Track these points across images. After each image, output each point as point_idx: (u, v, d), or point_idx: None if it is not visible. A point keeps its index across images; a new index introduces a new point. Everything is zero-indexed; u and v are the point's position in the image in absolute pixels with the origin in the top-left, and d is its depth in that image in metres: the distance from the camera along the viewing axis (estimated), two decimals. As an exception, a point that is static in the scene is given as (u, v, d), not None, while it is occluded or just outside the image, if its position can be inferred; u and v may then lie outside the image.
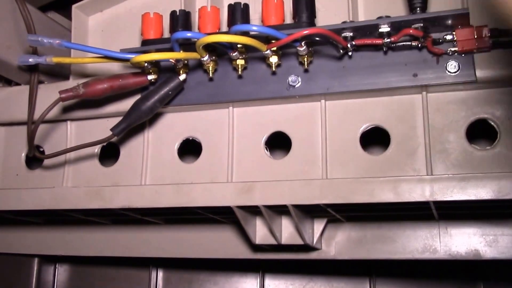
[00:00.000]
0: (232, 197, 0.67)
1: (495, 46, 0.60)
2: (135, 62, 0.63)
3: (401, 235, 0.80)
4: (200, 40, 0.59)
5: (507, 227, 0.74)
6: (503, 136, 0.63)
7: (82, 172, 0.82)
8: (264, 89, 0.70)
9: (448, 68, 0.62)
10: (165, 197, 0.69)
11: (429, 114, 0.66)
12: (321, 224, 0.78)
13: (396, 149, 0.66)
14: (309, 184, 0.65)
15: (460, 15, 0.58)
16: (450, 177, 0.59)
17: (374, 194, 0.61)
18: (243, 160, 0.73)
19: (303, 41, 0.62)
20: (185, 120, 0.77)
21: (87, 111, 0.80)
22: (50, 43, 0.65)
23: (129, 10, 0.85)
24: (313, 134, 0.70)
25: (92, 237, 0.97)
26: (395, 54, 0.64)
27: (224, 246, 0.87)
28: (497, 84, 0.63)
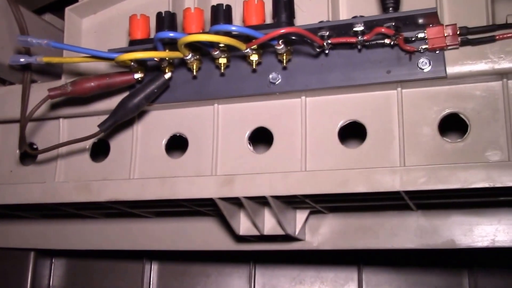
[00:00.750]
0: (214, 190, 0.68)
1: (464, 43, 0.62)
2: (120, 61, 0.64)
3: (383, 225, 0.81)
4: (181, 40, 0.60)
5: (480, 217, 0.76)
6: (473, 129, 0.64)
7: (73, 168, 0.83)
8: (246, 86, 0.71)
9: (420, 65, 0.63)
10: (150, 190, 0.71)
11: (403, 109, 0.67)
12: (303, 216, 0.79)
13: (372, 142, 0.68)
14: (287, 176, 0.66)
15: (429, 14, 0.59)
16: (420, 168, 0.61)
17: (348, 185, 0.62)
18: (227, 154, 0.74)
19: (281, 39, 0.63)
20: (172, 117, 0.79)
21: (78, 109, 0.81)
22: (38, 43, 0.66)
23: (121, 12, 0.86)
24: (294, 129, 0.72)
25: (87, 231, 0.98)
26: (369, 52, 0.66)
27: (211, 238, 0.89)
28: (467, 80, 0.64)
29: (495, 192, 0.64)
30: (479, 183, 0.59)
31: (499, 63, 0.61)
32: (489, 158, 0.63)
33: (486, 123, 0.64)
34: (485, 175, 0.59)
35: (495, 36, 0.61)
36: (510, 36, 0.60)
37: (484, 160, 0.63)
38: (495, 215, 0.76)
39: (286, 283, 1.13)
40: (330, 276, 1.11)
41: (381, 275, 1.08)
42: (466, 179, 0.59)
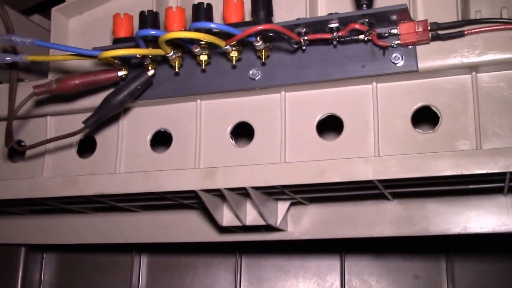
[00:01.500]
0: (196, 182, 0.69)
1: (434, 38, 0.63)
2: (103, 58, 0.65)
3: (361, 215, 0.82)
4: (162, 37, 0.61)
5: (453, 205, 0.77)
6: (444, 120, 0.65)
7: (61, 164, 0.83)
8: (227, 82, 0.72)
9: (392, 59, 0.64)
10: (135, 183, 0.71)
11: (378, 102, 0.68)
12: (284, 206, 0.80)
13: (348, 134, 0.69)
14: (267, 168, 0.67)
15: (400, 10, 0.60)
16: (392, 158, 0.62)
17: (324, 175, 0.63)
18: (210, 149, 0.75)
19: (259, 36, 0.64)
20: (157, 113, 0.79)
21: (64, 106, 0.81)
22: (23, 42, 0.66)
23: (108, 12, 0.86)
24: (274, 123, 0.73)
25: (76, 226, 0.98)
26: (344, 47, 0.66)
27: (196, 230, 0.89)
28: (437, 73, 0.65)
29: (464, 180, 0.66)
30: (447, 171, 0.60)
31: (468, 57, 0.62)
32: (458, 148, 0.64)
33: (456, 115, 0.65)
34: (454, 163, 0.60)
35: (464, 31, 0.62)
36: (478, 31, 0.61)
37: (454, 149, 0.64)
38: (466, 203, 0.77)
39: (271, 274, 1.14)
40: (313, 266, 1.12)
41: (363, 264, 1.10)
42: (435, 168, 0.60)
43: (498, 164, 0.58)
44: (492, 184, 0.68)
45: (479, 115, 0.64)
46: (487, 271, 1.03)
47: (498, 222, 0.75)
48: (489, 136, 0.64)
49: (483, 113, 0.64)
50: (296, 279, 1.13)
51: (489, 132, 0.64)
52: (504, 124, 0.63)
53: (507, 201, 0.75)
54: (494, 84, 0.64)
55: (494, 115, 0.64)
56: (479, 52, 0.62)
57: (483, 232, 0.76)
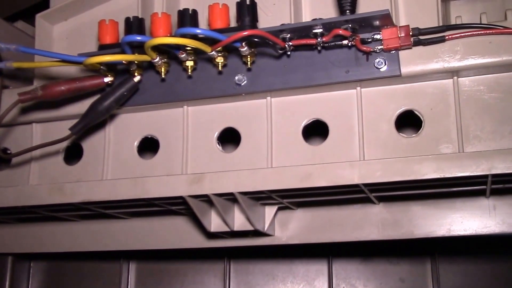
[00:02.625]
0: (184, 188, 0.69)
1: (416, 43, 0.64)
2: (88, 64, 0.65)
3: (348, 219, 0.82)
4: (147, 43, 0.61)
5: (437, 208, 0.78)
6: (426, 124, 0.66)
7: (47, 171, 0.83)
8: (213, 88, 0.72)
9: (376, 64, 0.65)
10: (122, 190, 0.71)
11: (362, 107, 0.69)
12: (272, 211, 0.80)
13: (333, 139, 0.69)
14: (254, 173, 0.67)
15: (383, 16, 0.61)
16: (377, 161, 0.63)
17: (310, 180, 0.64)
18: (197, 155, 0.75)
19: (244, 42, 0.64)
20: (143, 120, 0.79)
21: (50, 113, 0.81)
22: (7, 48, 0.66)
23: (92, 19, 0.86)
24: (260, 128, 0.73)
25: (64, 234, 0.97)
26: (329, 53, 0.67)
27: (184, 236, 0.89)
28: (420, 78, 0.66)
29: (448, 183, 0.66)
30: (431, 174, 0.61)
31: (449, 62, 0.63)
32: (441, 151, 0.65)
33: (438, 119, 0.66)
34: (437, 166, 0.61)
35: (445, 36, 0.63)
36: (458, 36, 0.62)
37: (437, 153, 0.65)
38: (450, 206, 0.78)
39: (260, 279, 1.14)
40: (301, 271, 1.13)
41: (350, 268, 1.10)
42: (419, 171, 0.61)
43: (480, 167, 0.59)
44: (475, 186, 0.69)
45: (461, 119, 0.65)
46: (471, 272, 1.05)
47: (481, 224, 0.76)
48: (471, 139, 0.65)
49: (465, 116, 0.65)
50: (284, 284, 1.13)
51: (471, 135, 0.65)
52: (485, 127, 0.64)
53: (489, 204, 0.76)
54: (475, 88, 0.65)
55: (475, 118, 0.65)
56: (460, 57, 0.63)
57: (466, 235, 0.77)
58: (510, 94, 0.64)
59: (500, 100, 0.64)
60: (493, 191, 0.73)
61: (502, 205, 0.75)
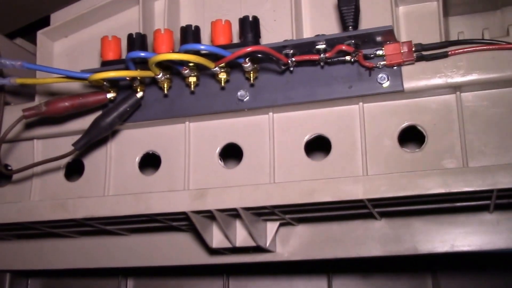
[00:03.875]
0: (187, 203, 0.68)
1: (419, 59, 0.64)
2: (93, 80, 0.64)
3: (349, 235, 0.82)
4: (152, 59, 0.61)
5: (440, 224, 0.77)
6: (430, 139, 0.66)
7: (48, 187, 0.82)
8: (216, 103, 0.72)
9: (378, 80, 0.65)
10: (126, 206, 0.70)
11: (365, 122, 0.69)
12: (273, 227, 0.80)
13: (336, 154, 0.69)
14: (257, 188, 0.66)
15: (386, 32, 0.61)
16: (381, 177, 0.62)
17: (314, 195, 0.63)
18: (199, 170, 0.74)
19: (247, 57, 0.64)
20: (145, 136, 0.78)
21: (52, 129, 0.80)
22: (12, 64, 0.65)
23: (93, 36, 0.86)
24: (262, 144, 0.72)
25: (62, 250, 0.96)
26: (331, 68, 0.67)
27: (185, 252, 0.88)
28: (423, 93, 0.66)
29: (452, 198, 0.66)
30: (436, 189, 0.61)
31: (452, 77, 0.63)
32: (445, 166, 0.64)
33: (441, 134, 0.66)
34: (442, 181, 0.61)
35: (448, 52, 0.63)
36: (461, 52, 0.62)
37: (441, 168, 0.64)
38: (453, 222, 0.78)
39: (259, 295, 1.13)
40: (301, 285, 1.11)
41: (350, 284, 1.09)
42: (424, 186, 0.61)
43: (486, 182, 0.59)
44: (479, 201, 0.69)
45: (465, 134, 0.64)
46: (473, 288, 1.04)
47: (485, 240, 0.75)
48: (475, 154, 0.64)
49: (468, 131, 0.65)
50: (283, 301, 1.12)
51: (475, 150, 0.64)
52: (489, 142, 0.64)
53: (492, 219, 0.76)
54: (478, 103, 0.65)
55: (479, 133, 0.65)
56: (463, 72, 0.63)
57: (470, 250, 0.77)
58: (513, 108, 0.64)
59: (504, 115, 0.64)
60: (497, 206, 0.72)
61: (506, 220, 0.75)
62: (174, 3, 0.81)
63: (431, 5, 0.71)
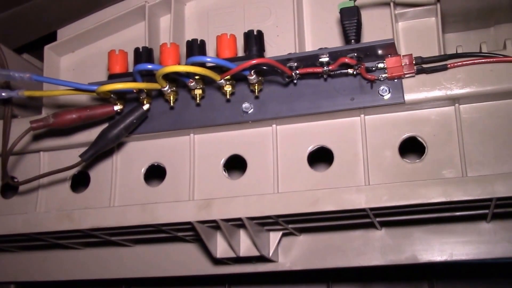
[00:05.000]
0: (193, 213, 0.67)
1: (419, 71, 0.64)
2: (101, 92, 0.64)
3: (350, 245, 0.82)
4: (159, 71, 0.60)
5: (440, 233, 0.77)
6: (429, 150, 0.66)
7: (54, 199, 0.81)
8: (221, 115, 0.71)
9: (380, 92, 0.65)
10: (132, 216, 0.70)
11: (366, 134, 0.69)
12: (276, 237, 0.79)
13: (339, 165, 0.69)
14: (261, 198, 0.66)
15: (387, 45, 0.61)
16: (383, 186, 0.62)
17: (317, 204, 0.63)
18: (203, 182, 0.74)
19: (252, 70, 0.64)
20: (150, 147, 0.78)
21: (58, 141, 0.80)
22: (21, 77, 0.65)
23: (99, 51, 0.86)
24: (266, 155, 0.72)
25: (67, 262, 0.95)
26: (334, 80, 0.67)
27: (188, 263, 0.87)
28: (423, 105, 0.66)
29: (452, 207, 0.66)
30: (437, 198, 0.61)
31: (452, 89, 0.63)
32: (445, 176, 0.64)
33: (441, 144, 0.66)
34: (442, 190, 0.60)
35: (447, 64, 0.63)
36: (461, 65, 0.63)
37: (441, 177, 0.64)
38: (452, 231, 0.78)
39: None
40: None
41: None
42: (425, 195, 0.60)
43: (485, 191, 0.59)
44: (477, 211, 0.68)
45: (464, 145, 0.65)
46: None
47: (482, 249, 0.75)
48: (474, 164, 0.64)
49: (467, 142, 0.65)
50: (283, 310, 1.11)
51: (473, 160, 0.64)
52: (487, 152, 0.64)
53: (490, 228, 0.76)
54: (477, 114, 0.65)
55: (477, 144, 0.65)
56: (462, 84, 0.63)
57: (468, 259, 0.76)
58: (511, 120, 0.64)
59: (502, 126, 0.64)
60: (494, 216, 0.72)
61: (503, 229, 0.75)
62: (179, 19, 0.81)
63: (429, 20, 0.72)
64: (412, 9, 0.71)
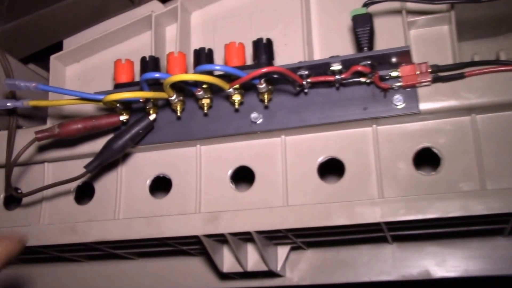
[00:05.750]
0: (199, 227, 0.64)
1: (435, 80, 0.60)
2: (107, 101, 0.61)
3: (359, 259, 0.78)
4: (167, 79, 0.57)
5: (454, 247, 0.73)
6: (445, 162, 0.62)
7: (58, 211, 0.78)
8: (229, 126, 0.68)
9: (394, 101, 0.62)
10: (136, 229, 0.66)
11: (379, 145, 0.65)
12: (284, 251, 0.76)
13: (350, 177, 0.65)
14: (270, 211, 0.63)
15: (402, 52, 0.58)
16: (399, 199, 0.59)
17: (330, 218, 0.59)
18: (210, 194, 0.71)
19: (262, 78, 0.61)
20: (156, 159, 0.75)
21: (63, 152, 0.77)
22: (26, 86, 0.62)
23: (104, 61, 0.84)
24: (274, 167, 0.69)
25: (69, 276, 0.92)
26: (346, 89, 0.64)
27: (194, 278, 0.84)
28: (438, 115, 0.62)
29: (469, 221, 0.62)
30: (456, 212, 0.57)
31: (469, 99, 0.60)
32: (462, 189, 0.61)
33: (457, 156, 0.62)
34: (461, 204, 0.57)
35: (465, 73, 0.59)
36: (478, 73, 0.59)
37: (457, 191, 0.60)
38: (466, 246, 0.74)
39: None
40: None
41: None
42: (443, 209, 0.57)
43: (508, 204, 0.55)
44: (496, 225, 0.65)
45: (482, 156, 0.61)
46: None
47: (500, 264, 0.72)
48: (492, 176, 0.60)
49: (485, 153, 0.61)
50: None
51: (492, 173, 0.61)
52: (506, 164, 0.60)
53: (507, 244, 0.72)
54: (494, 125, 0.62)
55: (496, 155, 0.61)
56: (480, 94, 0.60)
57: (484, 275, 0.72)
58: (530, 131, 0.60)
59: (521, 137, 0.60)
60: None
61: (521, 244, 0.71)
62: (185, 28, 0.78)
63: (442, 29, 0.69)
64: (423, 17, 0.68)
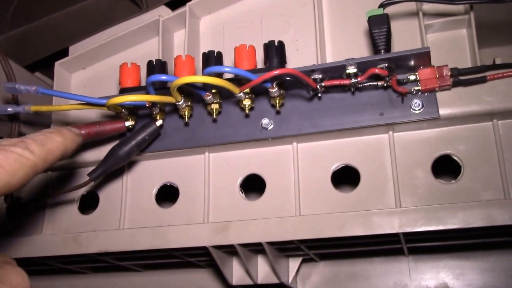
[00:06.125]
0: (208, 237, 0.60)
1: (455, 84, 0.57)
2: (111, 105, 0.58)
3: (373, 272, 0.75)
4: (174, 82, 0.54)
5: (472, 259, 0.69)
6: (466, 169, 0.58)
7: (61, 221, 0.74)
8: (238, 132, 0.65)
9: (412, 106, 0.58)
10: (142, 240, 0.63)
11: (396, 152, 0.61)
12: (296, 263, 0.72)
13: (365, 185, 0.62)
14: (282, 222, 0.59)
15: (422, 54, 0.55)
16: (418, 209, 0.55)
17: (345, 228, 0.56)
18: (219, 203, 0.67)
19: (274, 82, 0.57)
20: (162, 167, 0.71)
21: (66, 160, 0.73)
22: (27, 90, 0.59)
23: (110, 67, 0.81)
24: (286, 175, 0.65)
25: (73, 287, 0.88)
26: (362, 94, 0.60)
27: (202, 289, 0.80)
28: (458, 121, 0.59)
29: (490, 232, 0.58)
30: (478, 222, 0.53)
31: (491, 104, 0.56)
32: (484, 198, 0.57)
33: (479, 163, 0.59)
34: (484, 214, 0.53)
35: (486, 76, 0.56)
36: (501, 77, 0.56)
37: (479, 200, 0.56)
38: (486, 257, 0.70)
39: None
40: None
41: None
42: (465, 219, 0.53)
43: (536, 214, 0.51)
44: (519, 236, 0.61)
45: (504, 163, 0.57)
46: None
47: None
48: (516, 185, 0.57)
49: (508, 160, 0.58)
50: None
51: (516, 181, 0.57)
52: (531, 172, 0.57)
53: (529, 256, 0.68)
54: (517, 131, 0.58)
55: (519, 163, 0.57)
56: (502, 98, 0.56)
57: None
58: (556, 137, 0.57)
59: (546, 143, 0.57)
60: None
61: (544, 257, 0.67)
62: (193, 34, 0.75)
63: (460, 32, 0.65)
64: (440, 20, 0.65)
